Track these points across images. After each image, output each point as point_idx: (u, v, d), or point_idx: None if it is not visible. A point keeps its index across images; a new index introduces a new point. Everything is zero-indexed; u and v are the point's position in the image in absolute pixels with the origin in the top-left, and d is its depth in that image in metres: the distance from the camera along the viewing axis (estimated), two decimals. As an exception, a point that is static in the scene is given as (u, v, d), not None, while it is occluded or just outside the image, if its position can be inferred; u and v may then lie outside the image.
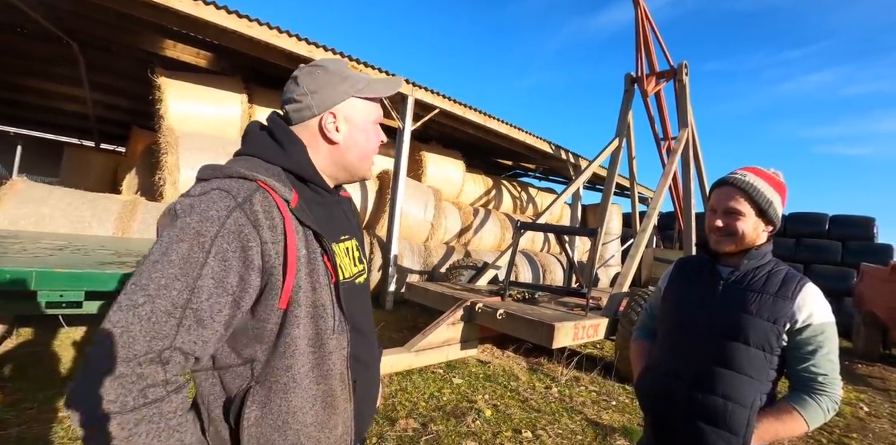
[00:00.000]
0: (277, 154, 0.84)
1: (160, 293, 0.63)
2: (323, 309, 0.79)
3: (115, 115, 9.83)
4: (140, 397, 0.61)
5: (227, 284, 0.68)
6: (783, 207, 1.25)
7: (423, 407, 3.10)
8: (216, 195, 0.70)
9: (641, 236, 5.71)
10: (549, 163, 11.14)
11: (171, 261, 0.65)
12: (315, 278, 0.79)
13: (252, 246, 0.70)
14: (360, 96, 0.90)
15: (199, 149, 5.65)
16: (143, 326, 0.61)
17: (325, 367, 0.80)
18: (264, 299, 0.74)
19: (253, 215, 0.71)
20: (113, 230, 4.74)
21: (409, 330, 5.06)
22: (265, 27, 4.95)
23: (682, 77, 7.38)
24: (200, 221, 0.67)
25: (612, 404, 3.59)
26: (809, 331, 1.14)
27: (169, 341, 0.63)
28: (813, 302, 1.15)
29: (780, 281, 1.20)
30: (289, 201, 0.77)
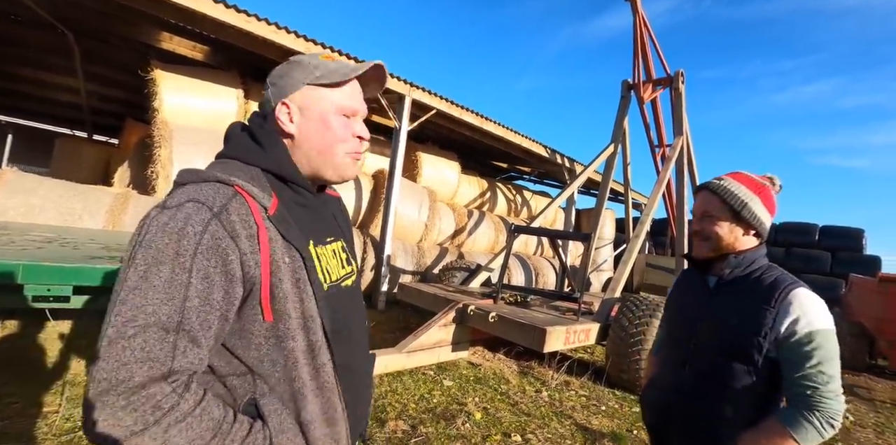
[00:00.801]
0: (257, 155, 0.81)
1: (149, 321, 0.62)
2: (311, 320, 0.77)
3: (110, 107, 9.72)
4: (156, 411, 0.62)
5: (212, 300, 0.68)
6: (767, 210, 1.19)
7: (413, 409, 3.09)
8: (191, 208, 0.68)
9: (634, 242, 5.74)
10: (544, 167, 11.18)
11: (155, 287, 0.63)
12: (302, 288, 0.77)
13: (232, 259, 0.69)
14: (315, 83, 0.83)
15: (193, 144, 5.60)
16: (138, 357, 0.61)
17: (321, 379, 0.79)
18: (246, 308, 0.73)
19: (230, 225, 0.69)
20: (104, 223, 4.68)
21: (400, 331, 5.04)
22: (263, 22, 4.91)
23: (679, 85, 7.44)
24: (178, 240, 0.65)
25: (601, 409, 3.60)
26: (795, 341, 1.06)
27: (167, 367, 0.63)
28: (799, 308, 1.07)
29: (766, 287, 1.14)
30: (266, 208, 0.75)
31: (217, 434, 0.67)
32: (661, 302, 4.25)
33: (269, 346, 0.75)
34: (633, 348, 3.93)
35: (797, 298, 1.08)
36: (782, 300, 1.09)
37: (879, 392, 5.39)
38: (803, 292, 1.09)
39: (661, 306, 4.17)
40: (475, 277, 5.86)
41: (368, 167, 8.25)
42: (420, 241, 7.78)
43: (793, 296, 1.08)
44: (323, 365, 0.79)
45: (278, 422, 0.74)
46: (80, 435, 2.26)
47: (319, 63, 0.85)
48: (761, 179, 1.22)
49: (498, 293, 4.72)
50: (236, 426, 0.70)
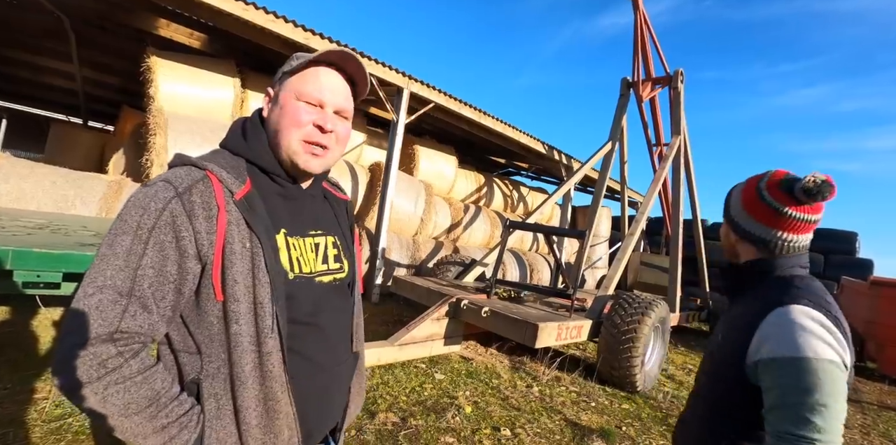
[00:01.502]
0: (241, 146, 0.87)
1: (106, 283, 0.69)
2: (261, 306, 0.78)
3: (105, 93, 9.62)
4: (101, 368, 0.68)
5: (166, 273, 0.73)
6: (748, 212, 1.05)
7: (403, 402, 3.10)
8: (160, 186, 0.74)
9: (629, 240, 5.75)
10: (541, 163, 11.17)
11: (116, 254, 0.70)
12: (256, 274, 0.78)
13: (185, 235, 0.73)
14: (286, 71, 0.88)
15: (189, 132, 5.55)
16: (93, 314, 0.68)
17: (266, 368, 0.79)
18: (203, 287, 0.77)
19: (189, 204, 0.74)
20: (97, 210, 4.65)
21: (393, 324, 5.05)
22: (261, 11, 4.85)
23: (678, 84, 7.43)
24: (141, 214, 0.72)
25: (591, 405, 3.62)
26: (761, 368, 0.88)
27: (114, 327, 0.69)
28: (773, 328, 0.89)
29: (761, 303, 0.97)
30: (234, 193, 0.78)
31: (153, 403, 0.71)
32: (654, 301, 4.27)
33: (219, 326, 0.78)
34: (625, 345, 3.95)
35: (779, 316, 0.90)
36: (764, 317, 0.92)
37: (867, 394, 5.45)
38: (785, 310, 0.89)
39: (653, 304, 4.19)
40: (470, 272, 5.87)
41: (365, 159, 8.21)
42: (415, 235, 7.78)
43: (778, 313, 0.90)
44: (269, 354, 0.79)
45: (216, 407, 0.78)
46: (69, 422, 2.26)
47: (303, 55, 0.89)
48: (761, 175, 1.06)
49: (492, 288, 4.73)
50: (175, 403, 0.74)
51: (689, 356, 6.13)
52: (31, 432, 2.15)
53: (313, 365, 0.88)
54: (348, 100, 0.92)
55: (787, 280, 1.00)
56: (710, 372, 1.07)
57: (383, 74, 6.10)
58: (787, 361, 0.84)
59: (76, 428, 2.22)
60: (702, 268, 8.19)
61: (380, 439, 2.57)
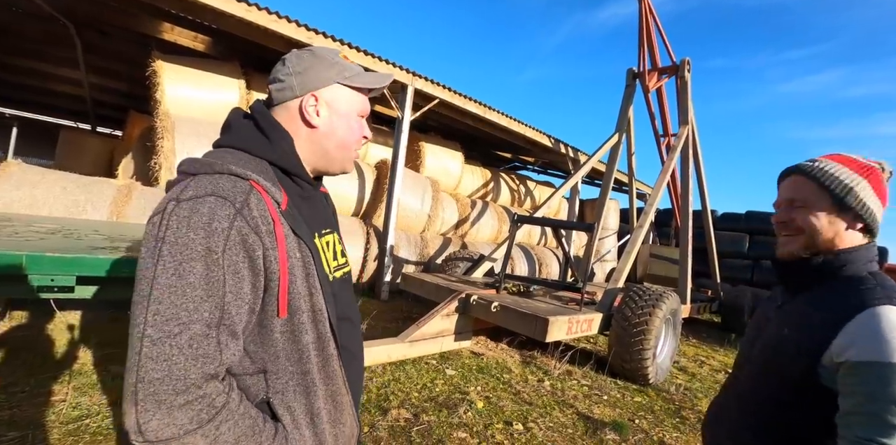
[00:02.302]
0: (264, 146, 0.81)
1: (192, 317, 0.63)
2: (320, 313, 0.80)
3: (112, 99, 9.72)
4: (212, 410, 0.65)
5: (243, 294, 0.69)
6: (878, 199, 0.94)
7: (415, 398, 3.11)
8: (214, 203, 0.67)
9: (638, 232, 5.71)
10: (548, 157, 11.11)
11: (192, 284, 0.64)
12: (311, 282, 0.79)
13: (258, 254, 0.70)
14: (345, 84, 0.87)
15: (196, 135, 5.59)
16: (188, 354, 0.63)
17: (329, 369, 0.82)
18: (266, 304, 0.74)
19: (253, 221, 0.70)
20: (108, 214, 4.70)
21: (403, 321, 5.07)
22: (264, 12, 4.87)
23: (684, 74, 7.34)
24: (206, 236, 0.65)
25: (603, 398, 3.61)
26: (845, 371, 0.83)
27: (217, 361, 0.66)
28: (864, 330, 0.82)
29: (846, 299, 0.88)
30: (279, 203, 0.76)
31: (255, 431, 0.70)
32: (664, 293, 4.24)
33: (284, 341, 0.76)
34: (636, 338, 3.93)
35: (875, 317, 0.82)
36: (854, 315, 0.84)
37: None
38: (885, 311, 0.82)
39: (664, 296, 4.17)
40: (478, 267, 5.87)
41: (371, 157, 8.22)
42: (423, 231, 7.79)
43: (870, 314, 0.83)
44: (331, 356, 0.82)
45: (291, 420, 0.77)
46: (86, 423, 2.30)
47: (344, 63, 0.88)
48: (868, 161, 0.98)
49: (501, 283, 4.72)
50: (269, 424, 0.74)
51: (700, 348, 6.09)
52: (50, 433, 2.19)
53: (352, 355, 0.94)
54: None
55: (868, 277, 0.92)
56: (764, 368, 0.99)
57: (387, 71, 6.09)
58: (877, 366, 0.78)
59: (94, 429, 2.26)
60: (712, 259, 8.13)
61: (392, 435, 2.59)
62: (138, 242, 3.07)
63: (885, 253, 9.85)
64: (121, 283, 2.32)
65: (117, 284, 2.34)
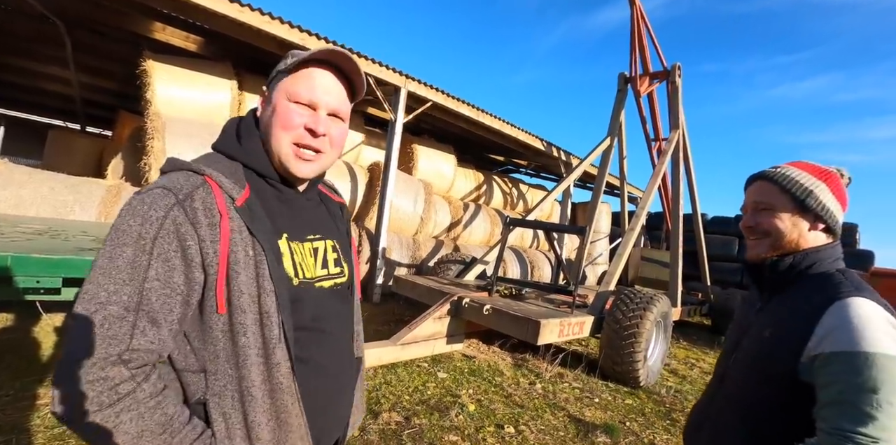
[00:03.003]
0: (236, 149, 0.83)
1: (111, 299, 0.65)
2: (267, 316, 0.75)
3: (102, 98, 9.62)
4: (113, 394, 0.64)
5: (173, 284, 0.70)
6: (837, 202, 0.99)
7: (406, 401, 3.10)
8: (158, 193, 0.70)
9: (630, 235, 5.75)
10: (540, 160, 11.15)
11: (118, 267, 0.66)
12: (261, 283, 0.75)
13: (190, 244, 0.71)
14: (280, 70, 0.84)
15: (187, 135, 5.55)
16: (99, 332, 0.64)
17: (275, 380, 0.77)
18: (206, 299, 0.74)
19: (192, 212, 0.71)
20: (96, 215, 4.65)
21: (395, 323, 5.05)
22: (257, 13, 4.84)
23: (675, 79, 7.42)
24: (141, 223, 0.68)
25: (595, 401, 3.62)
26: (820, 363, 0.84)
27: (125, 344, 0.65)
28: (837, 320, 0.84)
29: (819, 295, 0.92)
30: (234, 199, 0.76)
31: (167, 429, 0.68)
32: (655, 296, 4.27)
33: (224, 340, 0.74)
34: (627, 340, 3.95)
35: (844, 308, 0.85)
36: (826, 308, 0.87)
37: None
38: (857, 302, 0.85)
39: (654, 299, 4.19)
40: (470, 270, 5.87)
41: (364, 160, 8.21)
42: (415, 234, 7.78)
43: (840, 306, 0.86)
44: (277, 365, 0.76)
45: (225, 427, 0.74)
46: (72, 427, 2.26)
47: (298, 53, 0.85)
48: (827, 167, 1.03)
49: (493, 286, 4.73)
50: (188, 427, 0.71)
51: (691, 350, 6.13)
52: (35, 438, 2.15)
53: (321, 372, 0.86)
54: (343, 102, 0.87)
55: (837, 273, 0.96)
56: (751, 370, 1.00)
57: (380, 74, 6.09)
58: (851, 356, 0.80)
59: (80, 433, 2.23)
60: (702, 262, 8.20)
61: (384, 439, 2.57)
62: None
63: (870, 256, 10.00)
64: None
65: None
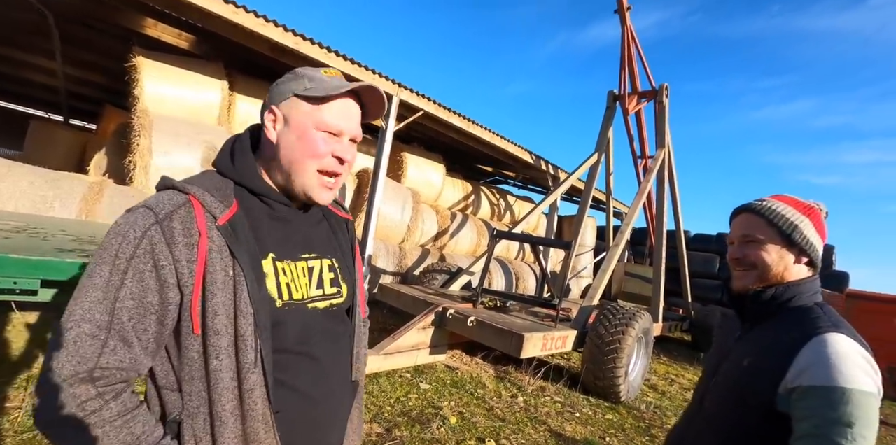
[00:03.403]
0: (228, 166, 0.83)
1: (84, 317, 0.66)
2: (242, 339, 0.73)
3: (88, 91, 9.41)
4: (79, 411, 0.65)
5: (147, 303, 0.70)
6: (819, 236, 1.04)
7: (388, 412, 3.07)
8: (140, 213, 0.72)
9: (614, 250, 5.82)
10: (528, 173, 11.25)
11: (95, 285, 0.68)
12: (238, 304, 0.73)
13: (164, 265, 0.70)
14: (302, 95, 0.81)
15: (174, 134, 5.47)
16: (70, 350, 0.65)
17: (247, 406, 0.74)
18: (183, 320, 0.73)
19: (169, 231, 0.71)
20: (77, 212, 4.53)
21: (378, 332, 5.01)
22: (251, 15, 4.81)
23: (663, 99, 7.59)
24: (120, 243, 0.69)
25: (576, 415, 3.63)
26: (798, 396, 0.87)
27: (93, 363, 0.66)
28: (815, 356, 0.87)
29: (798, 328, 0.95)
30: (217, 218, 0.74)
31: None
32: (638, 312, 4.31)
33: (200, 362, 0.73)
34: (609, 356, 3.98)
35: (822, 344, 0.88)
36: (805, 342, 0.90)
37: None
38: (835, 338, 0.88)
39: (637, 315, 4.24)
40: (456, 280, 5.87)
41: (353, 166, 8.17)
42: (402, 242, 7.75)
43: (818, 341, 0.89)
44: (251, 390, 0.74)
45: None
46: (41, 433, 2.18)
47: (316, 76, 0.83)
48: (808, 202, 1.08)
49: (478, 297, 4.73)
50: None
51: (671, 366, 6.20)
52: (3, 442, 2.07)
53: (304, 398, 0.82)
54: (359, 126, 0.88)
55: (815, 307, 1.00)
56: (730, 398, 1.02)
57: (373, 81, 6.09)
58: (828, 390, 0.83)
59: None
60: (684, 279, 8.33)
61: (364, 451, 2.54)
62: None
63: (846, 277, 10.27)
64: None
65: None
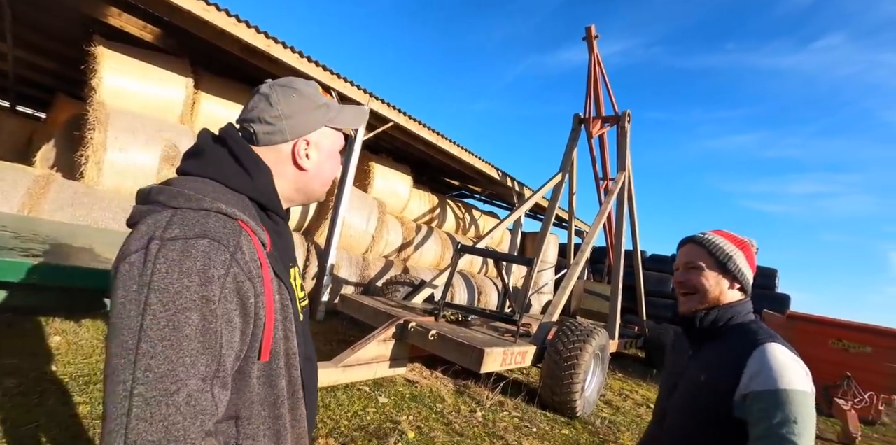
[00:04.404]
0: (244, 181, 0.77)
1: (190, 373, 0.59)
2: (294, 356, 0.78)
3: (39, 78, 8.82)
4: None
5: (234, 343, 0.65)
6: (749, 267, 1.20)
7: (345, 426, 2.97)
8: (208, 247, 0.62)
9: (575, 268, 5.96)
10: (494, 188, 11.41)
11: (188, 336, 0.59)
12: (287, 326, 0.77)
13: (251, 302, 0.67)
14: (331, 126, 0.89)
15: (132, 130, 5.22)
16: (187, 412, 0.58)
17: (298, 411, 0.80)
18: (249, 349, 0.70)
19: (246, 266, 0.67)
20: (19, 207, 4.20)
21: (338, 343, 4.89)
22: (223, 13, 4.69)
23: (625, 124, 7.93)
24: (202, 284, 0.60)
25: (533, 430, 3.64)
26: (750, 401, 0.98)
27: (215, 416, 0.63)
28: (761, 364, 0.99)
29: (740, 343, 1.08)
30: (265, 244, 0.74)
31: None
32: (595, 329, 4.41)
33: (260, 386, 0.73)
34: (566, 371, 4.03)
35: (764, 353, 1.01)
36: (750, 353, 1.03)
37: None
38: (773, 347, 1.02)
39: (594, 332, 4.33)
40: (418, 293, 5.82)
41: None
42: (366, 253, 7.65)
43: (760, 351, 1.02)
44: (300, 399, 0.81)
45: None
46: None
47: (328, 102, 0.88)
48: (741, 238, 1.25)
49: (440, 311, 4.71)
50: None
51: (625, 382, 6.34)
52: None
53: (311, 395, 0.90)
54: None
55: (752, 323, 1.15)
56: (691, 411, 1.12)
57: (344, 90, 6.07)
58: (774, 393, 0.95)
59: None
60: (640, 297, 8.60)
61: (318, 467, 2.44)
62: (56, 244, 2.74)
63: (787, 299, 10.90)
64: (29, 290, 2.06)
65: (26, 290, 2.07)
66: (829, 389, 6.30)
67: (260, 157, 0.80)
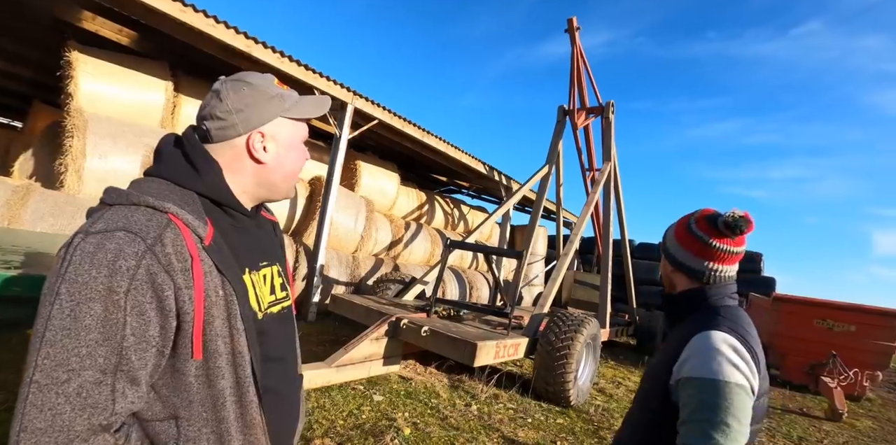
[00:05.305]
0: (192, 178, 0.78)
1: (84, 363, 0.59)
2: (241, 356, 0.75)
3: (14, 85, 8.62)
4: None
5: (149, 337, 0.65)
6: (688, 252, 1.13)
7: (340, 426, 2.99)
8: (123, 238, 0.63)
9: (564, 259, 6.00)
10: (482, 183, 11.44)
11: (87, 326, 0.59)
12: (233, 323, 0.74)
13: (168, 294, 0.66)
14: (288, 117, 0.87)
15: (111, 136, 5.14)
16: (75, 403, 0.58)
17: (248, 417, 0.76)
18: (179, 346, 0.70)
19: (165, 258, 0.66)
20: (-4, 218, 4.15)
21: (330, 344, 4.89)
22: (201, 14, 4.62)
23: (609, 114, 7.98)
24: (109, 275, 0.61)
25: (528, 421, 3.69)
26: (679, 386, 0.98)
27: (109, 412, 0.61)
28: (692, 351, 0.98)
29: (688, 328, 1.06)
30: (202, 238, 0.72)
31: None
32: (586, 319, 4.46)
33: (199, 385, 0.72)
34: (559, 361, 4.09)
35: (699, 340, 0.99)
36: (691, 340, 1.01)
37: (771, 400, 5.97)
38: (707, 335, 0.99)
39: (585, 322, 4.38)
40: (410, 290, 5.84)
41: (306, 173, 7.98)
42: (355, 252, 7.64)
43: (698, 338, 0.99)
44: (250, 402, 0.76)
45: None
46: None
47: (282, 93, 0.86)
48: (688, 215, 1.18)
49: (432, 307, 4.73)
50: None
51: (618, 370, 6.43)
52: None
53: (280, 398, 0.87)
54: None
55: (716, 309, 1.08)
56: (645, 393, 1.14)
57: (327, 88, 6.02)
58: (700, 381, 0.93)
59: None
60: (629, 286, 8.70)
61: (315, 467, 2.46)
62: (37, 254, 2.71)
63: (772, 282, 11.09)
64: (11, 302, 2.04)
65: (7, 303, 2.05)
66: (816, 367, 6.45)
67: (209, 154, 0.81)
